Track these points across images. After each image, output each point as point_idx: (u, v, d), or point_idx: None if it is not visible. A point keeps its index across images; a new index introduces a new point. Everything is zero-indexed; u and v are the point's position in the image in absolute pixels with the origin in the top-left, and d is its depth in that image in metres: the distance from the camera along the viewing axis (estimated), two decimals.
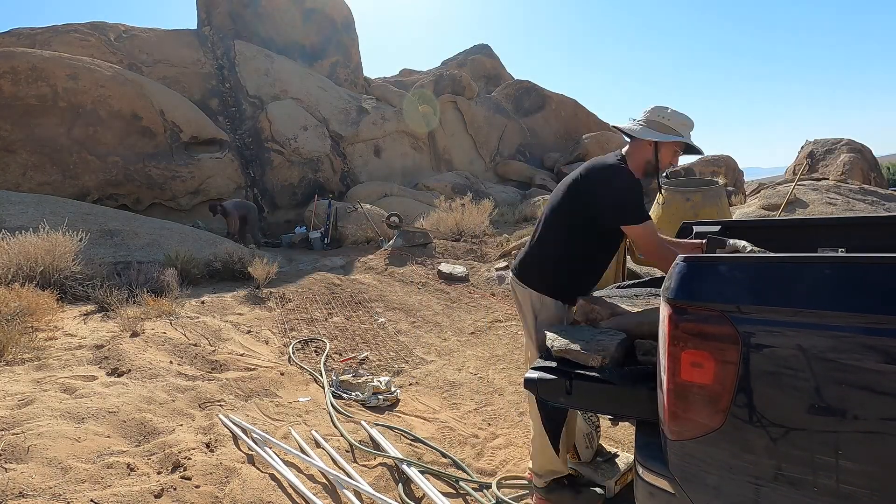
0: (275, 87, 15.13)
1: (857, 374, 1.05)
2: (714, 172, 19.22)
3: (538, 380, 1.76)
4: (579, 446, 2.59)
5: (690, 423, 1.24)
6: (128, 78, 11.92)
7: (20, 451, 2.33)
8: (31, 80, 10.60)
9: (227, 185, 12.81)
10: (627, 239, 4.88)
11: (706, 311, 1.22)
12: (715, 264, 1.29)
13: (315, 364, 4.38)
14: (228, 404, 3.28)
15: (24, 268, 5.32)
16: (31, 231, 5.77)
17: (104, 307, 5.01)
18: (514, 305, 3.46)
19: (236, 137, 13.97)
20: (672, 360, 1.26)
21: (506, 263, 7.82)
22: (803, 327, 1.11)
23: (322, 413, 3.37)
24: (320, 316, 5.81)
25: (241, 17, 16.47)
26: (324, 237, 10.92)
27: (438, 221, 10.53)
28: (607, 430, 3.13)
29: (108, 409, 2.83)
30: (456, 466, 2.79)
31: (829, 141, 14.07)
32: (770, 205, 9.96)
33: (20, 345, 3.72)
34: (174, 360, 3.90)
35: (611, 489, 2.46)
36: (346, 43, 18.75)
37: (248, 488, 2.37)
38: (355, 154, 15.43)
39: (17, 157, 10.32)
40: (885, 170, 18.31)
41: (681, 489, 1.29)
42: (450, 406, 3.66)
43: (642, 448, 1.47)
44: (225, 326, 5.01)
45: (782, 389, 1.13)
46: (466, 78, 19.08)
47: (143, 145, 11.65)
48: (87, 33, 13.65)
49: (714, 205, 4.31)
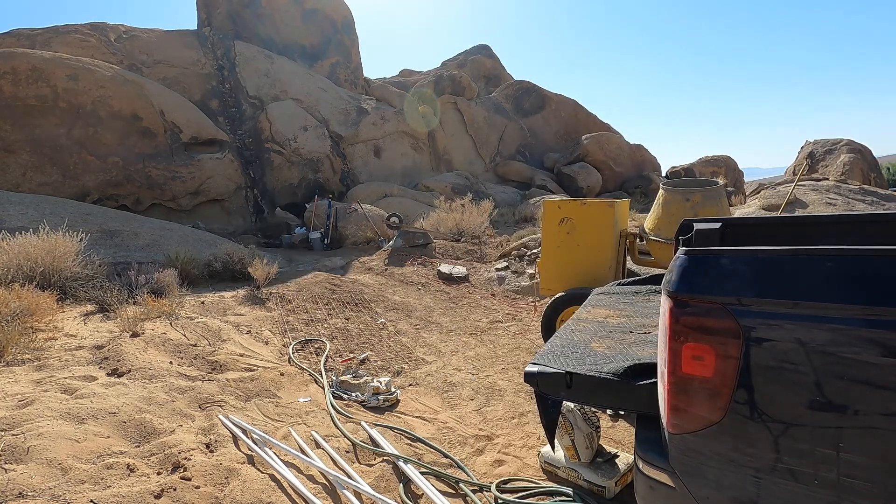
0: (275, 87, 15.15)
1: (857, 366, 1.05)
2: (714, 172, 19.24)
3: (538, 373, 1.76)
4: (579, 447, 2.59)
5: (691, 416, 1.24)
6: (128, 78, 11.93)
7: (20, 451, 2.32)
8: (31, 80, 10.62)
9: (227, 185, 12.82)
10: (628, 240, 4.87)
11: (707, 304, 1.22)
12: (716, 257, 1.29)
13: (315, 364, 4.38)
14: (228, 405, 3.27)
15: (24, 268, 5.32)
16: (31, 231, 5.77)
17: (104, 307, 5.00)
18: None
19: (236, 138, 13.98)
20: (673, 353, 1.26)
21: (506, 264, 7.82)
22: (805, 320, 1.11)
23: (322, 414, 3.37)
24: (320, 316, 5.81)
25: (241, 18, 16.49)
26: (324, 237, 10.93)
27: (438, 222, 10.53)
28: (607, 431, 3.13)
29: (108, 409, 2.83)
30: (456, 466, 2.79)
31: (828, 141, 14.06)
32: (770, 205, 9.96)
33: (20, 345, 3.71)
34: (174, 361, 3.90)
35: (611, 489, 2.45)
36: (346, 43, 18.77)
37: (248, 489, 2.37)
38: (355, 154, 15.44)
39: (17, 157, 10.33)
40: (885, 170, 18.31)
41: (681, 482, 1.29)
42: (450, 406, 3.65)
43: (642, 442, 1.46)
44: (225, 327, 5.01)
45: (783, 383, 1.13)
46: (466, 78, 19.09)
47: (143, 146, 11.65)
48: (88, 34, 13.66)
49: (714, 205, 4.30)
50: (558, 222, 4.58)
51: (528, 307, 6.10)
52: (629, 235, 4.69)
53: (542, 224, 4.78)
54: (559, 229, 4.57)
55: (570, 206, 4.61)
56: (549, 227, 4.65)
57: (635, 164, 19.29)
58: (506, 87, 21.82)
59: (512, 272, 7.51)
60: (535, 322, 5.46)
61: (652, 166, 20.07)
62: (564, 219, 4.55)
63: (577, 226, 4.50)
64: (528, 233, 9.58)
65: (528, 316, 5.79)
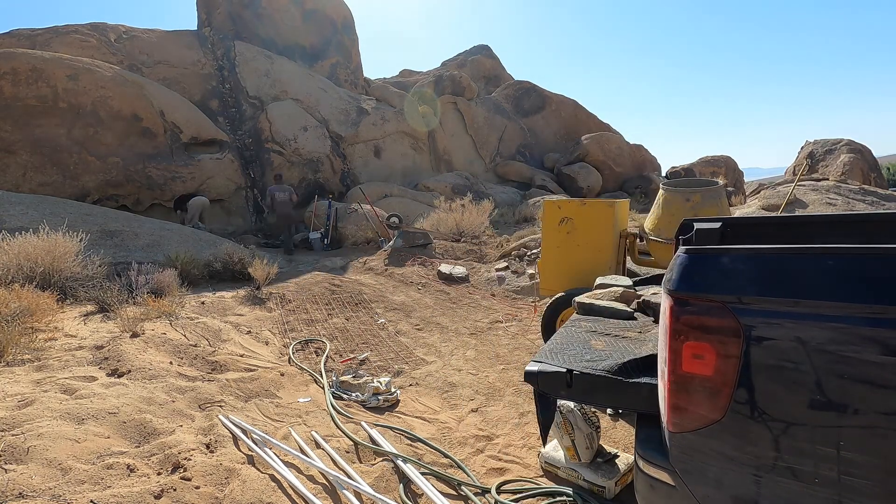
0: (275, 87, 15.15)
1: (858, 365, 1.05)
2: (714, 172, 19.25)
3: (538, 373, 1.76)
4: (579, 447, 2.59)
5: (691, 415, 1.24)
6: (128, 79, 11.93)
7: (20, 451, 2.32)
8: (31, 80, 10.61)
9: (227, 185, 12.81)
10: (628, 240, 4.87)
11: (708, 303, 1.22)
12: (717, 256, 1.29)
13: (315, 365, 4.38)
14: (228, 405, 3.27)
15: (24, 268, 5.32)
16: (31, 232, 5.77)
17: (104, 308, 5.00)
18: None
19: (236, 138, 13.97)
20: (673, 352, 1.26)
21: (506, 264, 7.82)
22: (805, 318, 1.11)
23: (322, 414, 3.36)
24: (320, 316, 5.81)
25: (241, 18, 16.49)
26: (324, 238, 10.92)
27: (438, 222, 10.54)
28: (607, 431, 3.13)
29: (108, 409, 2.83)
30: (456, 467, 2.79)
31: (828, 141, 14.07)
32: (770, 205, 9.97)
33: (20, 345, 3.71)
34: (174, 361, 3.90)
35: (611, 489, 2.45)
36: (346, 44, 18.77)
37: (248, 489, 2.37)
38: (355, 154, 15.44)
39: (17, 157, 10.32)
40: (885, 170, 18.32)
41: (681, 481, 1.29)
42: (450, 407, 3.65)
43: (643, 441, 1.47)
44: (225, 327, 5.01)
45: (784, 381, 1.13)
46: (466, 79, 19.09)
47: (143, 146, 11.65)
48: (88, 34, 13.66)
49: (714, 205, 4.30)
50: (558, 222, 4.58)
51: (528, 307, 6.10)
52: (629, 235, 4.69)
53: (542, 224, 4.78)
54: (559, 229, 4.57)
55: (570, 206, 4.61)
56: (549, 227, 4.65)
57: (635, 164, 19.29)
58: (506, 87, 21.82)
59: (512, 272, 7.51)
60: (535, 322, 5.46)
61: (652, 166, 20.07)
62: (564, 219, 4.55)
63: (577, 226, 4.50)
64: (528, 233, 9.58)
65: (528, 316, 5.79)
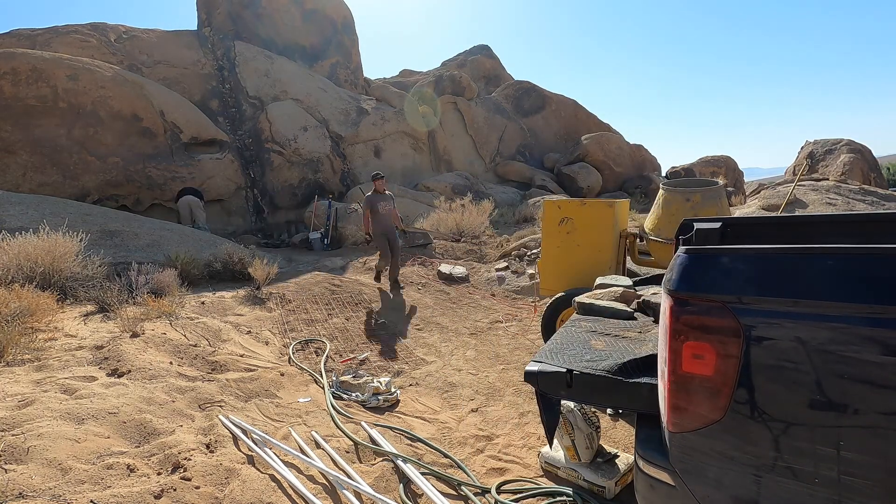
0: (275, 87, 15.14)
1: (858, 365, 1.05)
2: (714, 172, 19.24)
3: (538, 373, 1.76)
4: (579, 447, 2.59)
5: (691, 415, 1.24)
6: (128, 79, 11.93)
7: (20, 451, 2.32)
8: (31, 80, 10.61)
9: (227, 185, 12.82)
10: (628, 240, 4.87)
11: (708, 303, 1.22)
12: (717, 256, 1.29)
13: (315, 365, 4.38)
14: (228, 405, 3.27)
15: (24, 268, 5.32)
16: (31, 232, 5.76)
17: (104, 308, 5.00)
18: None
19: (236, 138, 13.97)
20: (673, 352, 1.26)
21: (506, 264, 7.82)
22: (805, 318, 1.11)
23: (322, 414, 3.36)
24: (320, 316, 5.81)
25: (241, 18, 16.49)
26: (324, 238, 10.92)
27: (438, 222, 10.54)
28: (607, 431, 3.13)
29: (108, 409, 2.83)
30: (456, 467, 2.79)
31: (828, 141, 14.06)
32: (770, 205, 9.97)
33: (20, 345, 3.71)
34: (174, 361, 3.90)
35: (611, 489, 2.45)
36: (346, 44, 18.77)
37: (248, 489, 2.37)
38: (355, 154, 15.44)
39: (17, 157, 10.32)
40: (885, 170, 18.32)
41: (681, 481, 1.29)
42: (450, 407, 3.65)
43: (643, 441, 1.46)
44: (225, 327, 5.00)
45: (784, 381, 1.13)
46: (466, 79, 19.09)
47: (143, 146, 11.65)
48: (88, 34, 13.66)
49: (714, 205, 4.30)
50: (558, 222, 4.58)
51: (528, 307, 6.10)
52: (629, 235, 4.69)
53: (542, 224, 4.78)
54: (559, 229, 4.57)
55: (570, 206, 4.61)
56: (549, 227, 4.65)
57: (635, 165, 19.29)
58: (506, 87, 21.82)
59: (512, 272, 7.51)
60: (535, 322, 5.46)
61: (652, 166, 20.07)
62: (564, 219, 4.55)
63: (578, 226, 4.50)
64: (528, 233, 9.58)
65: (528, 316, 5.79)
